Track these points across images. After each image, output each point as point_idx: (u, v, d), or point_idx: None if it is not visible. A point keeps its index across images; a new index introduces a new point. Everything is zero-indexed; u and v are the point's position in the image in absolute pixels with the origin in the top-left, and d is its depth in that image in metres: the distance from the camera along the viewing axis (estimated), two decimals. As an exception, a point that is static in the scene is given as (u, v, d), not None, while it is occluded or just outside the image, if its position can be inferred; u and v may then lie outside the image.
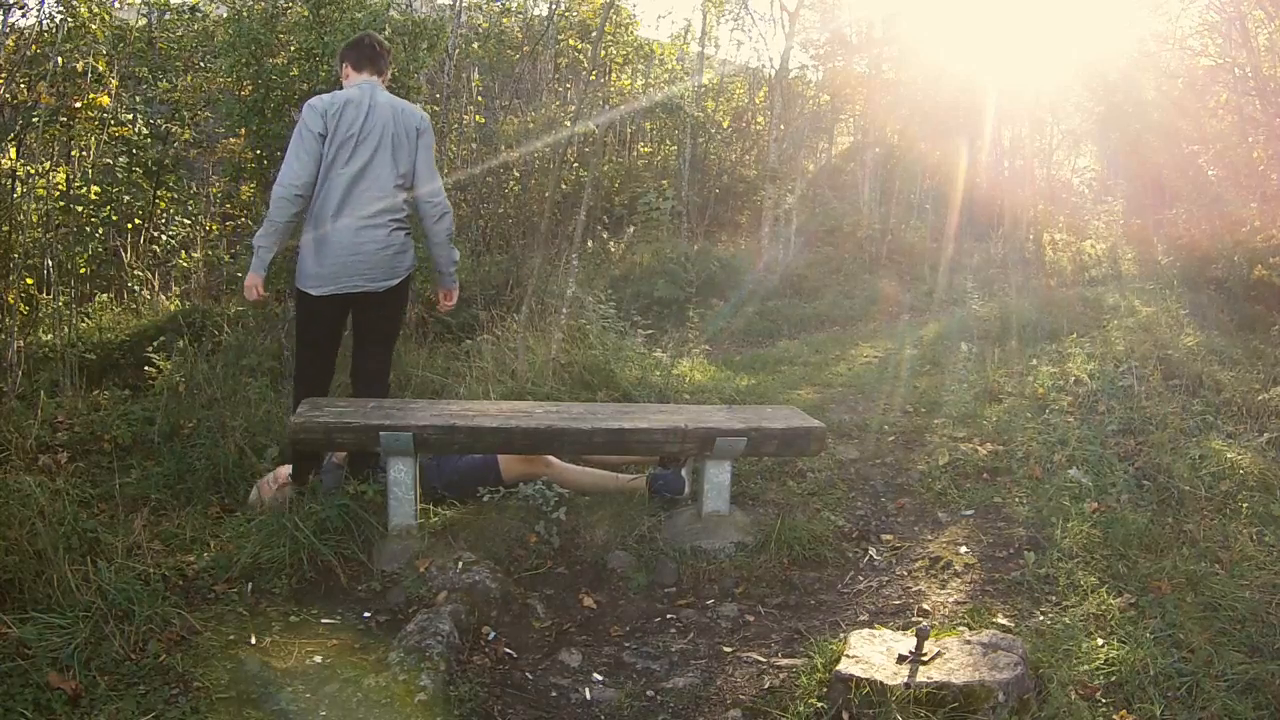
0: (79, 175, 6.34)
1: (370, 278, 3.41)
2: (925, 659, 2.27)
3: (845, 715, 2.19)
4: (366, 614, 2.76)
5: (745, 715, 2.37)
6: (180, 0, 7.48)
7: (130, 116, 6.73)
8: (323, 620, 2.68)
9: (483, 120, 9.78)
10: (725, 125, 12.63)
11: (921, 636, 2.31)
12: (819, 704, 2.28)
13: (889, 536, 3.47)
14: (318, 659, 2.45)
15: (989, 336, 6.48)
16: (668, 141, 12.23)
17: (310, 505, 3.10)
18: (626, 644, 2.77)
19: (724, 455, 3.33)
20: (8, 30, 5.47)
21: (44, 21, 5.62)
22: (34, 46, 5.56)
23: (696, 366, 5.57)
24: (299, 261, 3.48)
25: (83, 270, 6.28)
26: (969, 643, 2.34)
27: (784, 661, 2.61)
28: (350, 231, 3.36)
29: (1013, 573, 3.08)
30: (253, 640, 2.49)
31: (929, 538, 3.43)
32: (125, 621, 2.37)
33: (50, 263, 5.37)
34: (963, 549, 3.29)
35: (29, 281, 5.30)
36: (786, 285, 9.34)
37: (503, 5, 11.45)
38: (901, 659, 2.28)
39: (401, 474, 3.11)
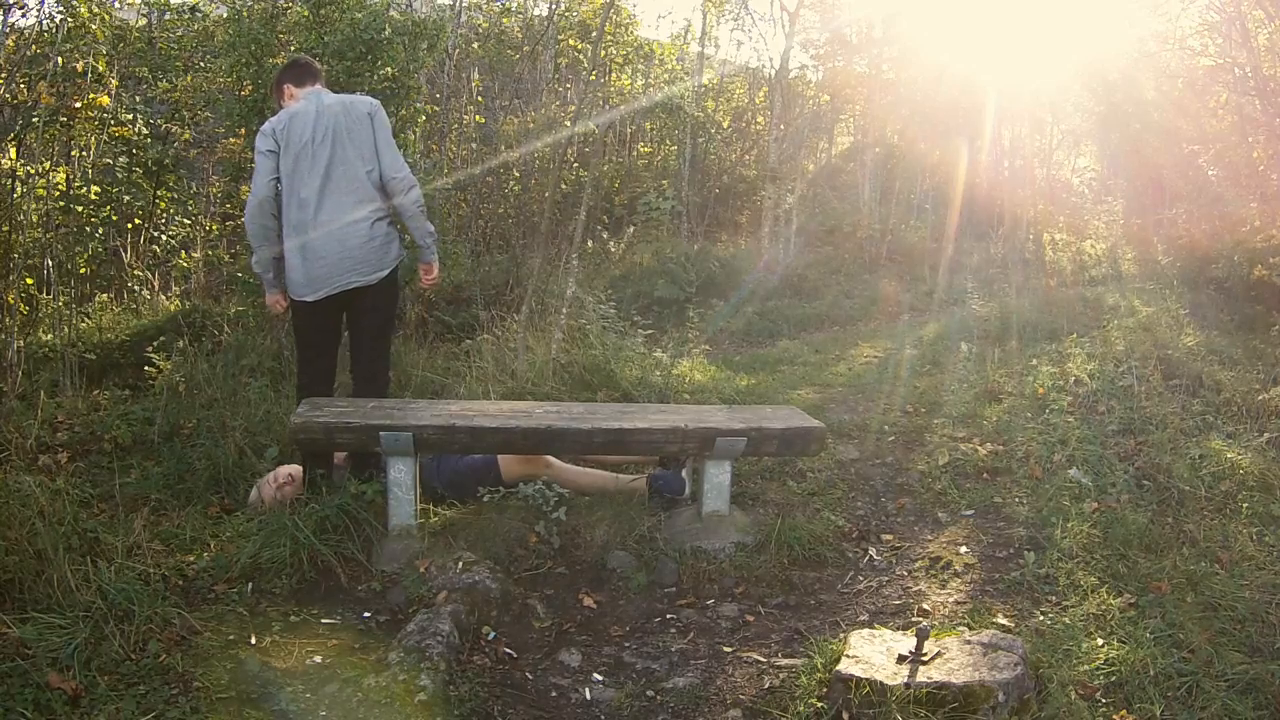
0: (79, 175, 6.34)
1: (360, 271, 3.43)
2: (925, 659, 2.27)
3: (845, 715, 2.19)
4: (366, 614, 2.76)
5: (745, 715, 2.37)
6: (180, 0, 7.48)
7: (130, 116, 6.73)
8: (323, 620, 2.69)
9: (483, 120, 9.79)
10: (725, 125, 12.63)
11: (921, 636, 2.31)
12: (819, 704, 2.28)
13: (889, 536, 3.47)
14: (318, 659, 2.45)
15: (989, 336, 6.48)
16: (668, 141, 12.23)
17: (310, 505, 3.10)
18: (626, 644, 2.77)
19: (724, 455, 3.33)
20: (8, 30, 5.47)
21: (44, 21, 5.63)
22: (34, 46, 5.56)
23: (696, 366, 5.57)
24: (287, 272, 3.48)
25: (83, 270, 6.29)
26: (969, 643, 2.34)
27: (784, 661, 2.61)
28: (334, 230, 3.38)
29: (1013, 573, 3.08)
30: (253, 640, 2.49)
31: (929, 538, 3.43)
32: (125, 621, 2.38)
33: (50, 263, 5.38)
34: (963, 549, 3.29)
35: (29, 281, 5.31)
36: (786, 285, 9.33)
37: (503, 5, 11.45)
38: (901, 659, 2.28)
39: (401, 474, 3.11)
